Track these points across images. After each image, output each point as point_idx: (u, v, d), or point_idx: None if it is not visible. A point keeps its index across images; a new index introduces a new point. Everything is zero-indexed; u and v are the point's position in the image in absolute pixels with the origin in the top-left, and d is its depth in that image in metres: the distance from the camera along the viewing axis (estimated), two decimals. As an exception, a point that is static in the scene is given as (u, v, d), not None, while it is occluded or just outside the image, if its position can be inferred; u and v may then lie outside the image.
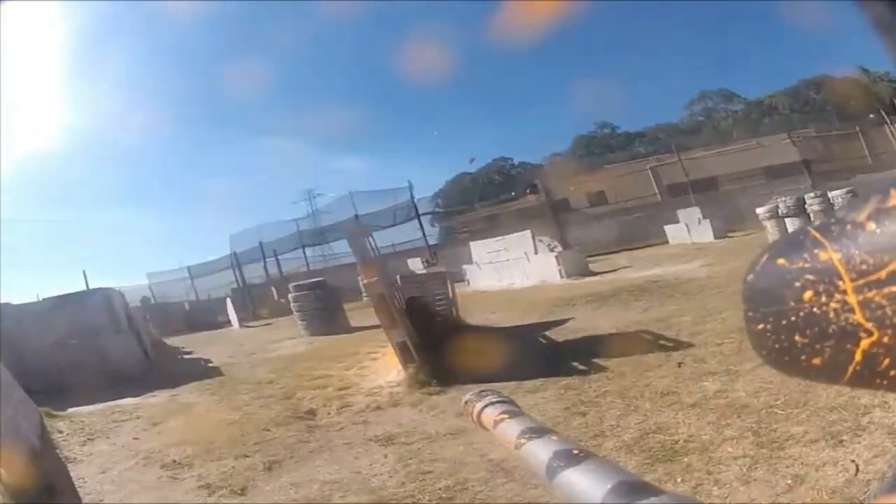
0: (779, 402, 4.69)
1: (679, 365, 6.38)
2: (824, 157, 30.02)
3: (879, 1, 0.52)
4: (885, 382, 0.42)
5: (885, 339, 0.40)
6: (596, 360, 7.15)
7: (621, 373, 6.57)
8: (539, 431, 1.08)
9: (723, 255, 15.17)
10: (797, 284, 0.43)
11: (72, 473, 5.38)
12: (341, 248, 32.71)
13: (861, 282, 0.41)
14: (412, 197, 32.14)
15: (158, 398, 9.69)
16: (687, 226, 22.92)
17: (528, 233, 19.49)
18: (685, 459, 4.20)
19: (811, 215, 14.85)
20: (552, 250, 20.84)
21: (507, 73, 47.09)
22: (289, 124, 61.25)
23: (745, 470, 3.86)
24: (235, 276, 31.47)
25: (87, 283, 19.30)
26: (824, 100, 35.90)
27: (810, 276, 0.43)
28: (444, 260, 26.48)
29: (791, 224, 15.04)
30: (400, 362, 7.82)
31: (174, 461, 6.06)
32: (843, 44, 31.06)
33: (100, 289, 14.03)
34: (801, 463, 3.79)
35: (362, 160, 63.21)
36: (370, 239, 9.89)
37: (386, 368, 8.58)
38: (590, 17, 40.67)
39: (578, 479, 0.87)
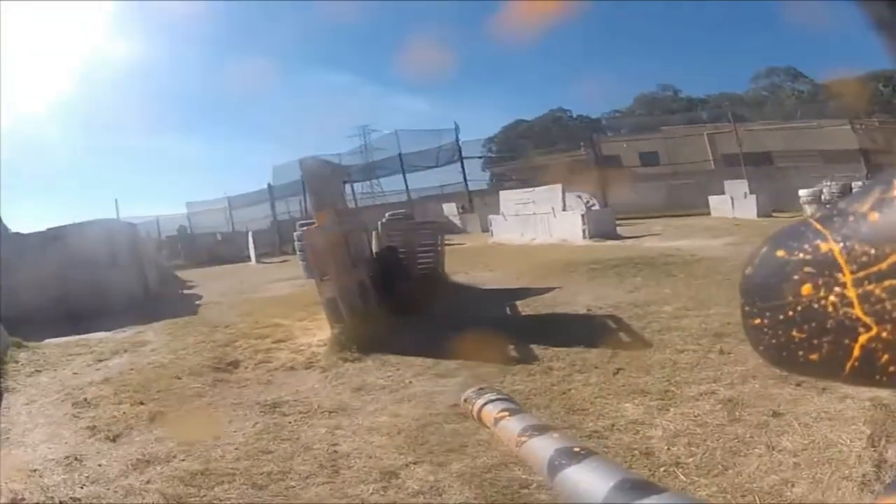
0: (690, 461, 3.67)
1: (616, 372, 5.45)
2: (884, 148, 28.78)
3: (879, 1, 0.50)
4: (883, 379, 0.41)
5: (884, 335, 0.40)
6: (535, 346, 6.31)
7: (548, 369, 5.68)
8: (540, 429, 1.06)
9: (756, 235, 13.93)
10: (796, 278, 0.43)
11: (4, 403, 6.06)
12: (389, 186, 32.55)
13: (861, 274, 0.40)
14: (457, 139, 31.11)
15: (125, 334, 9.56)
16: (732, 199, 21.82)
17: (558, 187, 18.39)
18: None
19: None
20: (588, 207, 19.91)
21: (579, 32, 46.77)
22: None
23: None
24: (272, 209, 31.41)
25: (117, 211, 19.61)
26: (892, 92, 34.79)
27: (809, 269, 0.42)
28: (484, 207, 25.73)
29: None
30: (328, 320, 7.29)
31: (85, 400, 6.07)
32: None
33: (101, 220, 14.02)
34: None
35: (426, 101, 62.49)
36: (339, 184, 9.19)
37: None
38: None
39: (580, 478, 0.85)
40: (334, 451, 4.35)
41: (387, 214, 12.06)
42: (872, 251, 0.40)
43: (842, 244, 0.41)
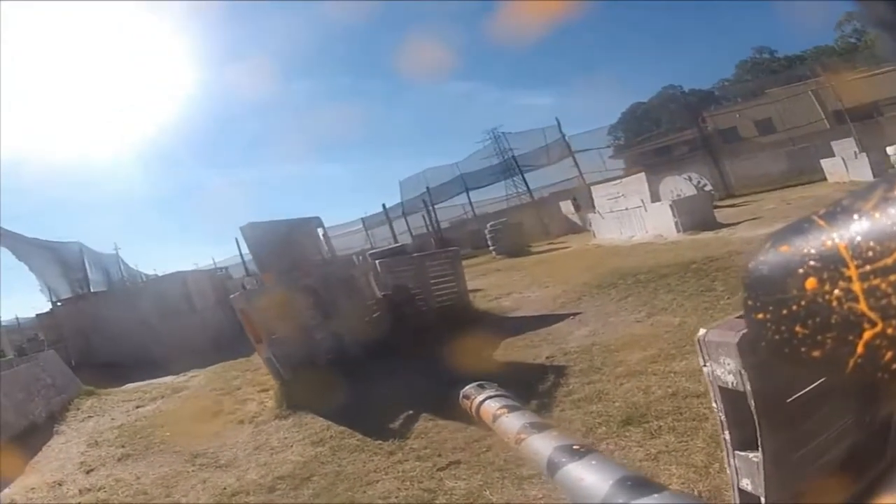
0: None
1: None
2: None
3: (879, 1, 0.51)
4: (887, 376, 0.40)
5: (890, 331, 0.39)
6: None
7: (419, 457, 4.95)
8: (540, 426, 1.05)
9: None
10: (800, 272, 0.43)
11: (52, 444, 7.57)
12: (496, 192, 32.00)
13: (867, 268, 0.40)
14: (562, 135, 29.59)
15: (179, 380, 10.85)
16: (843, 160, 19.10)
17: (642, 176, 16.72)
18: None
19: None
20: (702, 188, 18.01)
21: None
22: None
23: None
24: (391, 228, 31.93)
25: (239, 249, 21.49)
26: None
27: (814, 264, 0.42)
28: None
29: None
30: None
31: (96, 442, 7.42)
32: None
33: (178, 272, 15.68)
34: None
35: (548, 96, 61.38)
36: (303, 240, 9.07)
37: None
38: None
39: (581, 475, 0.85)
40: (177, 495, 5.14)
41: (385, 249, 11.79)
42: (878, 247, 0.39)
43: (846, 240, 0.41)
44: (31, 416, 8.25)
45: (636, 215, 16.64)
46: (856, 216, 0.41)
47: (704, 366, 2.08)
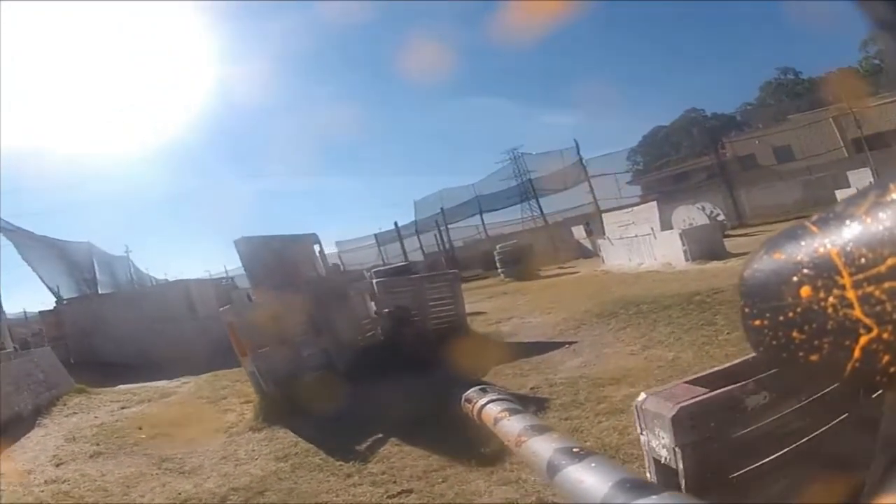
0: None
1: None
2: None
3: (879, 1, 0.50)
4: (884, 380, 0.41)
5: (885, 336, 0.40)
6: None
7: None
8: (540, 429, 1.06)
9: None
10: (794, 279, 0.43)
11: (32, 436, 7.60)
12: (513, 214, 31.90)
13: (860, 276, 0.40)
14: (580, 158, 29.16)
15: (171, 385, 10.80)
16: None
17: (653, 205, 16.55)
18: None
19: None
20: (714, 218, 17.78)
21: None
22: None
23: None
24: (401, 246, 31.78)
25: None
26: None
27: (808, 272, 0.42)
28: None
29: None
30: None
31: (73, 438, 7.44)
32: None
33: (183, 280, 15.78)
34: None
35: (569, 115, 61.30)
36: (296, 256, 8.99)
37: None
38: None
39: (580, 477, 0.85)
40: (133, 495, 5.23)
41: (375, 271, 11.66)
42: (870, 254, 0.39)
43: (839, 247, 0.41)
44: (17, 408, 8.34)
45: (645, 243, 16.44)
46: (848, 222, 0.41)
47: (641, 434, 1.99)
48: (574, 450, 0.91)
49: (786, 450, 1.88)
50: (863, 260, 0.39)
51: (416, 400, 6.77)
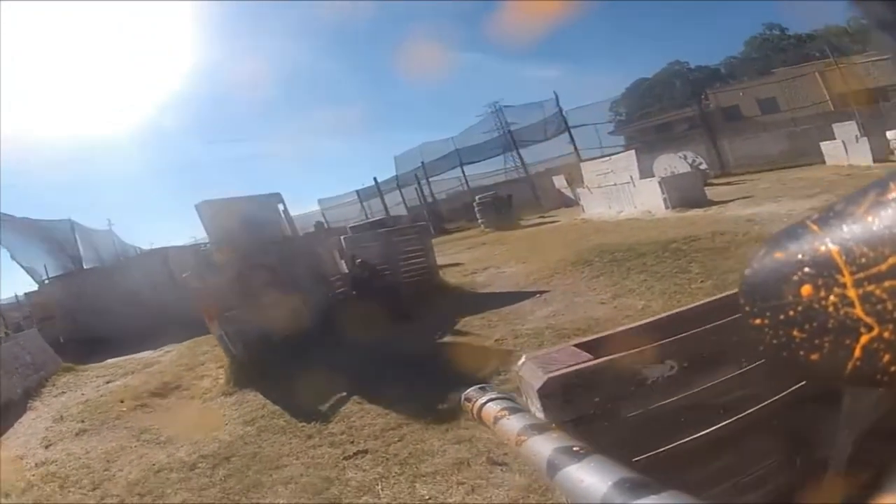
0: None
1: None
2: None
3: (879, 1, 0.51)
4: (885, 379, 0.40)
5: (886, 335, 0.39)
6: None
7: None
8: (540, 428, 1.05)
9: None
10: (795, 278, 0.43)
11: (24, 419, 7.72)
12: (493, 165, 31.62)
13: (861, 275, 0.40)
14: (560, 109, 28.97)
15: (154, 355, 10.89)
16: (844, 144, 18.59)
17: (632, 153, 16.43)
18: None
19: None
20: (696, 167, 17.69)
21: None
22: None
23: None
24: (382, 201, 31.91)
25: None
26: None
27: (809, 270, 0.43)
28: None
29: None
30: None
31: (61, 417, 7.57)
32: None
33: (161, 248, 15.66)
34: None
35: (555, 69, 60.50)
36: (262, 216, 8.85)
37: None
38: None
39: (580, 476, 0.85)
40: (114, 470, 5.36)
41: (349, 227, 11.61)
42: (871, 253, 0.39)
43: (840, 246, 0.41)
44: (7, 393, 8.42)
45: (625, 191, 16.39)
46: (849, 221, 0.41)
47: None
48: (574, 449, 0.92)
49: (699, 434, 1.57)
50: (864, 258, 0.40)
51: (382, 354, 6.94)
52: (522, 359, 1.70)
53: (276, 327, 7.40)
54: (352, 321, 8.13)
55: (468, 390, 1.40)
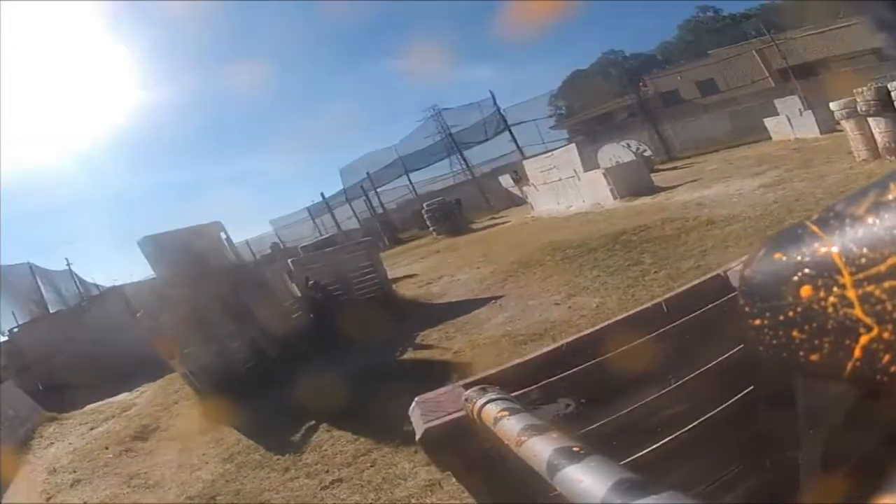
0: None
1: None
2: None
3: (879, 1, 0.50)
4: (885, 379, 0.40)
5: (886, 335, 0.40)
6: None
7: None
8: (540, 429, 1.05)
9: (810, 162, 12.57)
10: (794, 279, 0.43)
11: (21, 474, 7.81)
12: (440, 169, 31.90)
13: (860, 276, 0.40)
14: (497, 108, 29.41)
15: (130, 397, 10.84)
16: (788, 118, 19.16)
17: (573, 147, 16.90)
18: None
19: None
20: (640, 154, 18.24)
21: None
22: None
23: None
24: (332, 216, 31.81)
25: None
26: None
27: (808, 271, 0.43)
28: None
29: (875, 125, 10.61)
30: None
31: (54, 469, 7.74)
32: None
33: (117, 286, 15.56)
34: None
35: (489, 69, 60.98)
36: (204, 246, 8.92)
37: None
38: None
39: (579, 477, 0.85)
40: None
41: (300, 248, 11.73)
42: (871, 254, 0.39)
43: (839, 247, 0.41)
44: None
45: (572, 185, 16.69)
46: (848, 221, 0.41)
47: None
48: (574, 449, 0.92)
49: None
50: (863, 259, 0.40)
51: (345, 376, 7.01)
52: (416, 401, 1.55)
53: (238, 358, 7.55)
54: (312, 344, 8.35)
55: (468, 391, 1.36)
